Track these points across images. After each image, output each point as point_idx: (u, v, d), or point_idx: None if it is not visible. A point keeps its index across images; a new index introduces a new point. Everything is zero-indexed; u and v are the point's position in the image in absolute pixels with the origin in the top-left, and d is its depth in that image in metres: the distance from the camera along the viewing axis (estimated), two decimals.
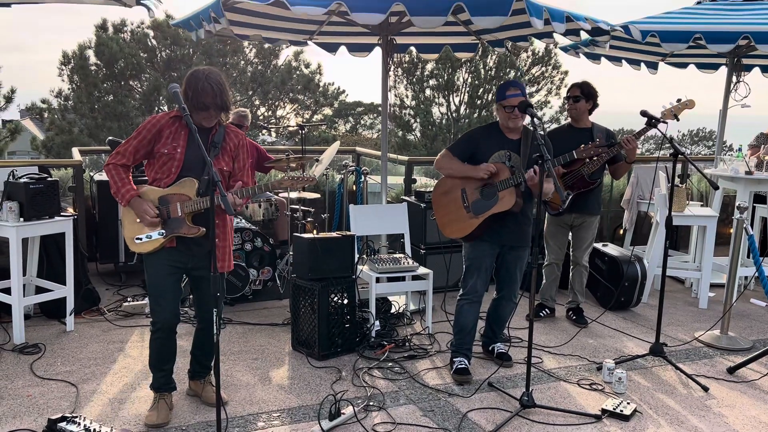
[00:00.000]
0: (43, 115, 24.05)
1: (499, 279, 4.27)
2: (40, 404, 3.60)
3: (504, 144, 4.08)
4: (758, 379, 4.23)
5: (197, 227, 3.36)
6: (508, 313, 4.31)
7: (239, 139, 3.52)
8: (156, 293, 3.42)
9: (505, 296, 4.27)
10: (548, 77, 26.53)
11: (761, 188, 5.94)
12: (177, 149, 3.33)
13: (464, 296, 4.19)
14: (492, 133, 4.14)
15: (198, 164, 3.35)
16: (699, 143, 38.48)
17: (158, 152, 3.34)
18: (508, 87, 4.05)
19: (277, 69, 25.88)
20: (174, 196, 3.35)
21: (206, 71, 3.28)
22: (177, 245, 3.38)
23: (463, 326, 4.18)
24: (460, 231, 4.12)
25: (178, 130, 3.35)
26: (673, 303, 5.90)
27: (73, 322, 4.79)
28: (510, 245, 4.13)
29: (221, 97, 3.27)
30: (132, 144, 3.34)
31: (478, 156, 4.09)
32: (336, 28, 5.77)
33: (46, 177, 4.68)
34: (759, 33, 5.03)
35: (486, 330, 4.46)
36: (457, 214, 4.14)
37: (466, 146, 4.15)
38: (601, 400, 3.84)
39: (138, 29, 23.66)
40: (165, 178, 3.36)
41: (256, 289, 5.61)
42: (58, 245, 4.93)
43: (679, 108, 4.54)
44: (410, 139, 26.81)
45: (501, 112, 4.07)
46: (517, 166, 4.02)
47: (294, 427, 3.43)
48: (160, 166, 3.36)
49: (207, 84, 3.23)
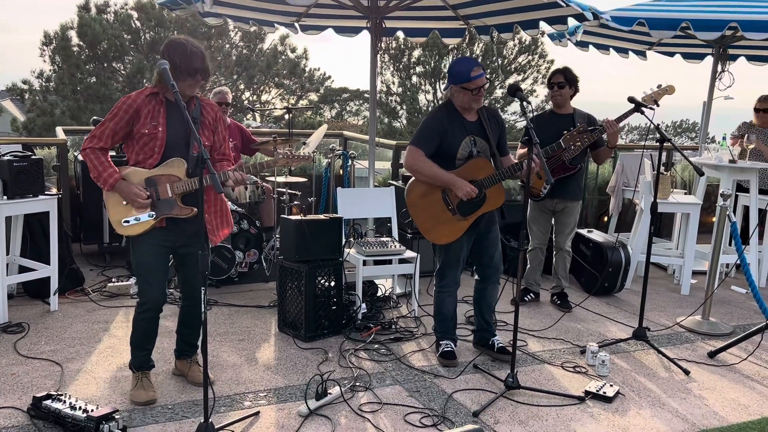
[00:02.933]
0: (24, 96, 23.68)
1: (482, 265, 4.14)
2: (24, 383, 3.58)
3: (466, 129, 3.88)
4: (738, 363, 4.31)
5: (189, 207, 3.32)
6: (495, 297, 4.20)
7: (215, 111, 3.47)
8: (145, 273, 3.37)
9: (491, 280, 4.15)
10: (534, 66, 26.58)
11: (744, 177, 6.01)
12: (158, 128, 3.25)
13: (444, 288, 4.09)
14: (453, 118, 3.88)
15: (181, 142, 3.30)
16: (682, 134, 38.83)
17: (138, 133, 3.25)
18: (471, 67, 3.77)
19: (262, 53, 25.68)
20: (162, 177, 3.29)
21: (185, 38, 3.26)
22: (167, 225, 3.34)
23: (446, 314, 4.13)
24: (449, 235, 3.91)
25: (156, 108, 3.27)
26: (655, 289, 5.97)
27: (57, 302, 4.75)
28: (485, 230, 4.04)
29: (207, 62, 3.24)
30: (108, 126, 3.24)
31: (445, 147, 3.85)
32: (324, 11, 5.74)
33: (30, 155, 4.62)
34: (746, 21, 5.08)
35: (478, 323, 4.26)
36: (441, 217, 3.91)
37: (434, 137, 3.86)
38: (584, 382, 3.89)
39: (122, 10, 23.35)
40: (149, 159, 3.29)
41: (242, 271, 5.60)
42: (42, 224, 4.88)
43: (659, 93, 4.58)
44: (396, 126, 26.78)
45: (463, 95, 3.80)
46: (483, 151, 3.89)
47: (281, 406, 3.45)
48: (141, 146, 3.28)
49: (194, 48, 3.20)
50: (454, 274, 4.07)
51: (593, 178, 7.68)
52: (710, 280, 4.91)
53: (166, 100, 3.30)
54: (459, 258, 4.03)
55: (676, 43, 6.95)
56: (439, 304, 4.14)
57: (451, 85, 3.88)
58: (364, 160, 6.56)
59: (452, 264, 4.04)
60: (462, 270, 4.11)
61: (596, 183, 7.75)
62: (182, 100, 3.30)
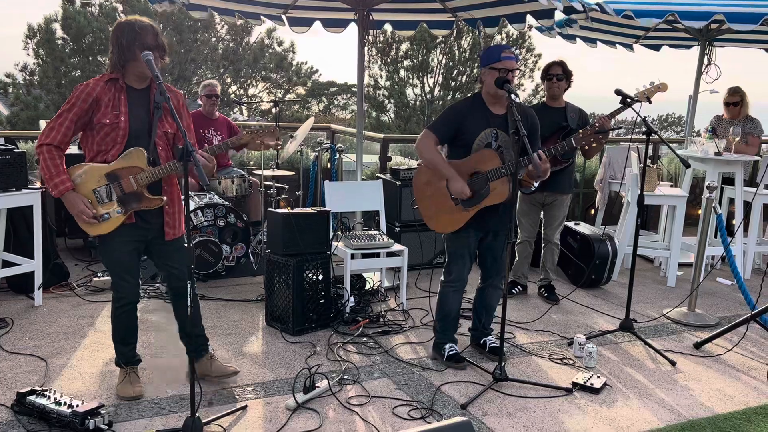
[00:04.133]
0: (8, 90, 23.38)
1: (485, 267, 4.03)
2: (8, 378, 3.54)
3: (490, 121, 3.74)
4: (723, 353, 4.34)
5: (158, 197, 3.23)
6: (496, 301, 4.09)
7: (178, 98, 3.32)
8: (120, 270, 3.29)
9: (493, 283, 4.04)
10: (522, 60, 26.59)
11: (730, 169, 6.05)
12: (120, 117, 3.10)
13: (450, 283, 3.96)
14: (476, 108, 3.76)
15: (143, 130, 3.17)
16: (668, 128, 39.06)
17: (99, 123, 3.10)
18: (501, 49, 3.65)
19: (249, 46, 25.52)
20: (123, 170, 3.14)
21: (134, 18, 3.13)
22: (136, 220, 3.24)
23: (448, 312, 4.00)
24: (449, 225, 3.83)
25: (116, 95, 3.11)
26: (642, 281, 6.00)
27: (41, 297, 4.70)
28: (495, 230, 3.89)
29: (161, 37, 3.11)
30: (66, 118, 3.09)
31: (463, 136, 3.74)
32: (311, 2, 5.70)
33: (12, 148, 4.56)
34: (732, 13, 5.10)
35: (474, 322, 4.19)
36: (443, 206, 3.82)
37: (451, 125, 3.76)
38: (572, 373, 3.91)
39: (106, 3, 23.10)
40: (111, 150, 3.13)
41: (229, 265, 5.57)
42: (25, 219, 4.82)
43: (651, 91, 4.59)
44: (384, 120, 26.72)
45: (494, 76, 3.63)
46: (505, 146, 3.76)
47: (268, 400, 3.43)
48: (102, 137, 3.13)
49: (143, 23, 3.07)
50: (460, 270, 3.92)
51: (580, 172, 7.71)
52: (696, 272, 4.94)
53: (126, 87, 3.16)
54: (464, 252, 3.89)
55: (662, 36, 6.98)
56: (443, 299, 4.00)
57: (482, 69, 3.75)
58: (351, 153, 6.54)
59: (457, 258, 3.91)
60: (470, 268, 3.96)
61: (583, 176, 7.78)
62: (141, 84, 3.18)
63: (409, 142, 14.75)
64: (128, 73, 3.16)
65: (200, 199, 5.45)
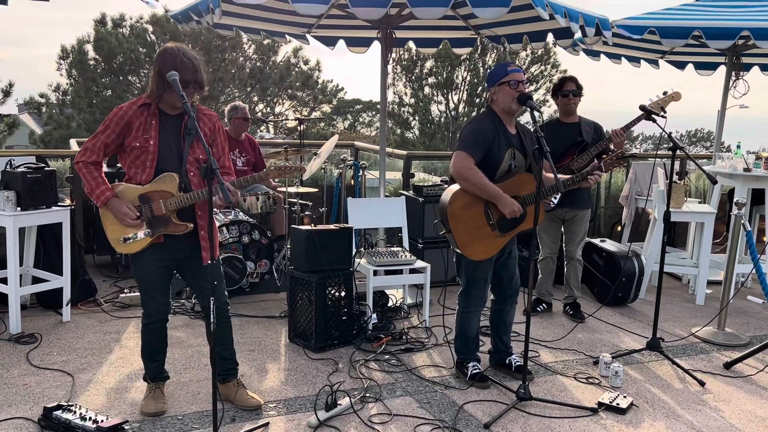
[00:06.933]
0: (41, 109, 23.97)
1: (502, 285, 3.98)
2: (35, 393, 3.59)
3: (509, 141, 3.74)
4: (755, 374, 4.24)
5: (184, 224, 3.25)
6: (513, 317, 4.07)
7: (214, 122, 3.36)
8: (147, 287, 3.35)
9: (510, 301, 4.01)
10: (547, 76, 26.53)
11: (759, 185, 5.94)
12: (149, 141, 3.17)
13: (471, 308, 3.90)
14: (497, 127, 3.72)
15: (173, 155, 3.22)
16: (697, 144, 38.56)
17: (129, 146, 3.18)
18: (506, 65, 3.70)
19: (275, 65, 25.85)
20: (155, 193, 3.20)
21: (180, 47, 3.15)
22: (164, 240, 3.28)
23: (469, 335, 3.95)
24: (486, 251, 3.72)
25: (148, 120, 3.18)
26: (669, 299, 5.90)
27: (69, 313, 4.78)
28: (509, 249, 3.91)
29: (201, 74, 3.14)
30: (100, 139, 3.18)
31: (491, 157, 3.67)
32: (335, 21, 5.77)
33: (43, 166, 4.67)
34: (759, 29, 5.03)
35: (495, 344, 4.11)
36: (480, 232, 3.69)
37: (484, 145, 3.65)
38: (597, 393, 3.84)
39: (137, 24, 23.63)
40: (142, 174, 3.21)
41: (253, 281, 5.60)
42: (55, 235, 4.92)
43: (665, 100, 4.56)
44: (408, 137, 26.81)
45: (504, 94, 3.66)
46: (519, 166, 3.77)
47: (290, 417, 3.43)
48: (132, 160, 3.21)
49: (186, 59, 3.09)
50: (481, 294, 3.88)
51: (606, 188, 7.63)
52: (725, 290, 4.84)
53: (159, 111, 3.23)
54: (487, 276, 3.85)
55: (688, 51, 6.90)
56: (464, 324, 3.94)
57: (490, 89, 3.74)
58: (374, 170, 6.57)
59: (479, 283, 3.85)
60: (488, 289, 3.94)
61: (609, 192, 7.70)
62: (174, 111, 3.24)
63: (432, 158, 14.67)
64: (163, 101, 3.21)
65: (225, 215, 5.51)
